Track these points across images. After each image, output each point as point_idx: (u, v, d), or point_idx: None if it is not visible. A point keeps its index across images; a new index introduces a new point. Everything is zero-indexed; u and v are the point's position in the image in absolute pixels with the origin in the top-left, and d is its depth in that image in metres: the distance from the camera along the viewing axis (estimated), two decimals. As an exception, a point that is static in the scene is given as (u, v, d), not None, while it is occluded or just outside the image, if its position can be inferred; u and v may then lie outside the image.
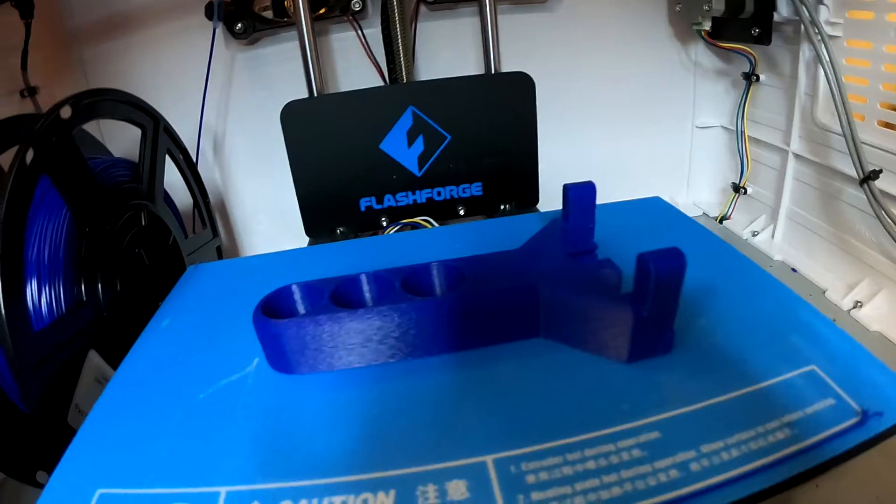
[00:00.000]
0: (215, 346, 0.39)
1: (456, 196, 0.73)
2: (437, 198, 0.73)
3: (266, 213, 0.91)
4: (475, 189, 0.73)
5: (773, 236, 0.83)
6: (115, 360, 0.48)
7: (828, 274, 0.73)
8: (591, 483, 0.24)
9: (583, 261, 0.39)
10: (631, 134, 0.95)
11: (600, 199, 0.41)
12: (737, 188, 0.88)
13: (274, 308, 0.36)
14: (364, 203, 0.71)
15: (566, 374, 0.31)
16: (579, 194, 0.40)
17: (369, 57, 0.79)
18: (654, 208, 0.52)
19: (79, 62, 0.80)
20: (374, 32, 0.79)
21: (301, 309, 0.37)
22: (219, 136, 0.84)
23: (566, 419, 0.28)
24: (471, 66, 0.85)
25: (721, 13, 0.76)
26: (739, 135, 0.85)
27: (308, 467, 0.28)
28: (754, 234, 0.85)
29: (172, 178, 0.66)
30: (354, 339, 0.34)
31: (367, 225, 0.72)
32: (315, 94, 0.69)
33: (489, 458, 0.26)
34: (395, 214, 0.72)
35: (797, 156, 0.76)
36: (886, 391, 0.28)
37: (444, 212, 0.73)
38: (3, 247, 0.39)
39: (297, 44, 0.69)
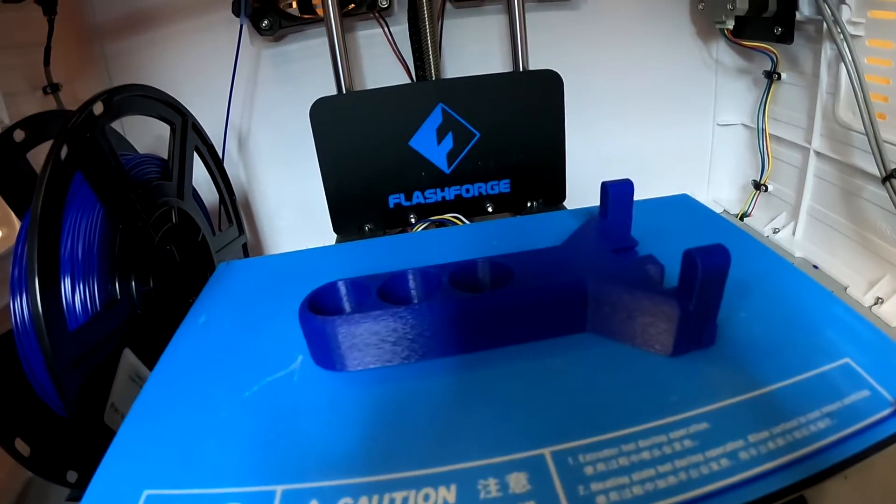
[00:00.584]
0: (256, 344, 0.38)
1: (484, 193, 0.73)
2: (465, 195, 0.72)
3: (291, 209, 0.90)
4: (503, 186, 0.73)
5: (793, 233, 0.83)
6: (148, 359, 0.47)
7: (849, 271, 0.73)
8: (648, 473, 0.24)
9: (626, 257, 0.39)
10: (652, 131, 0.95)
11: None
12: (757, 185, 0.88)
13: (319, 305, 0.35)
14: (393, 200, 0.71)
15: (614, 368, 0.31)
16: (618, 191, 0.40)
17: (396, 54, 0.79)
18: (683, 205, 0.52)
19: (101, 58, 0.80)
20: (400, 30, 0.79)
21: (347, 306, 0.36)
22: (243, 133, 0.84)
23: (618, 411, 0.28)
24: (496, 63, 0.85)
25: (744, 12, 0.75)
26: (760, 132, 0.85)
27: (365, 464, 0.27)
28: (775, 231, 0.84)
29: (198, 175, 0.65)
30: (404, 335, 0.33)
31: (395, 222, 0.72)
32: (344, 91, 0.69)
33: (547, 451, 0.26)
34: (424, 211, 0.71)
35: (818, 154, 0.76)
36: None
37: (472, 209, 0.73)
38: (39, 244, 0.39)
39: (322, 41, 0.69)
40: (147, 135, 0.73)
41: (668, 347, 0.31)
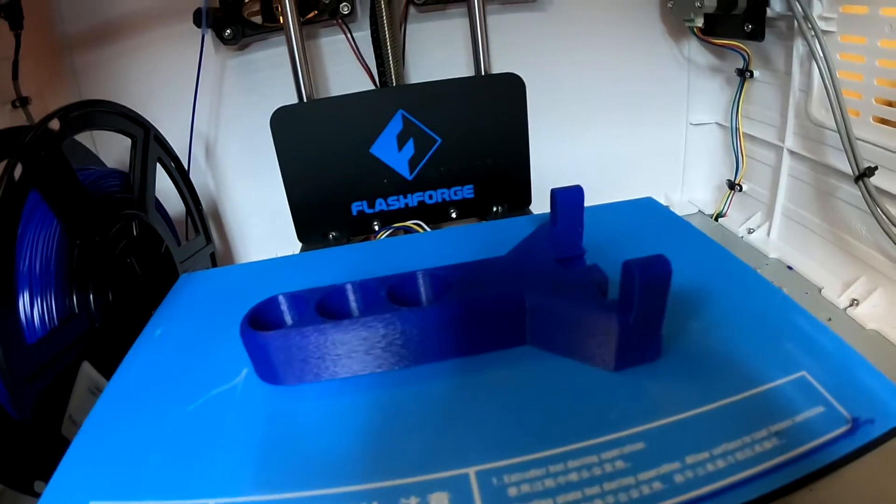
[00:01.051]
0: (205, 357, 0.39)
1: (448, 199, 0.73)
2: (428, 201, 0.73)
3: (260, 217, 0.91)
4: (467, 191, 0.74)
5: (768, 234, 0.82)
6: (108, 371, 0.48)
7: (824, 272, 0.73)
8: (573, 496, 0.24)
9: (570, 266, 0.38)
10: (625, 132, 0.95)
11: (594, 198, 0.41)
12: (732, 185, 0.88)
13: (261, 319, 0.36)
14: (356, 207, 0.71)
15: (553, 383, 0.31)
16: (567, 198, 0.40)
17: (359, 61, 0.79)
18: (647, 209, 0.52)
19: (71, 71, 0.80)
20: (364, 35, 0.79)
21: (288, 320, 0.37)
22: (211, 142, 0.84)
23: (551, 429, 0.27)
24: (462, 67, 0.85)
25: (713, 9, 0.75)
26: (734, 131, 0.85)
27: (296, 478, 0.28)
28: (750, 231, 0.85)
29: (164, 185, 0.66)
30: (340, 350, 0.34)
31: (359, 229, 0.72)
32: (304, 100, 0.70)
33: (472, 470, 0.26)
34: (388, 218, 0.72)
35: (792, 152, 0.76)
36: (878, 397, 0.27)
37: (436, 215, 0.73)
38: (-8, 261, 0.40)
39: (282, 49, 0.69)
40: (117, 147, 0.74)
41: (609, 362, 0.30)
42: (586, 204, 0.42)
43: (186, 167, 0.71)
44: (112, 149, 0.73)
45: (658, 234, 0.47)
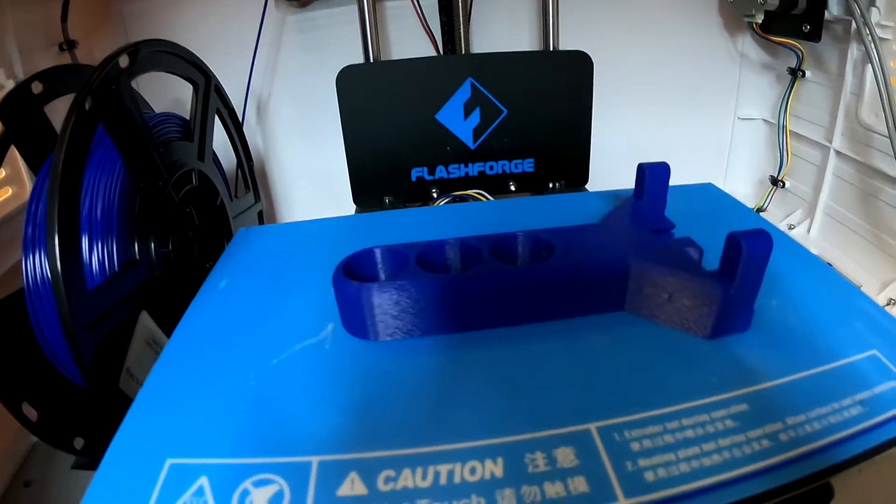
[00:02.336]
0: (281, 311, 0.37)
1: (508, 171, 0.72)
2: (489, 171, 0.71)
3: (308, 179, 0.89)
4: (527, 165, 0.72)
5: (808, 231, 0.82)
6: (164, 323, 0.46)
7: (862, 270, 0.72)
8: (693, 451, 0.24)
9: (664, 238, 0.38)
10: (673, 119, 0.95)
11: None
12: (774, 181, 0.87)
13: (354, 271, 0.34)
14: (416, 173, 0.70)
15: (654, 348, 0.31)
16: (655, 174, 0.40)
17: (424, 27, 0.77)
18: (708, 194, 0.52)
19: (119, 16, 0.78)
20: (427, 3, 0.77)
21: (382, 273, 0.35)
22: (263, 99, 0.82)
23: (661, 390, 0.28)
24: (522, 41, 0.84)
25: (774, 7, 0.75)
26: (781, 129, 0.84)
27: (407, 435, 0.26)
28: (790, 227, 0.84)
29: (216, 139, 0.63)
30: (443, 305, 0.32)
31: (416, 196, 0.71)
32: (371, 60, 0.68)
33: (593, 426, 0.26)
34: (446, 186, 0.70)
35: (839, 153, 0.75)
36: None
37: (495, 186, 0.72)
38: (60, 200, 0.37)
39: (348, 9, 0.68)
40: (163, 95, 0.71)
41: (706, 329, 0.31)
42: (628, 185, 0.45)
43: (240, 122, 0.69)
44: (158, 97, 0.70)
45: (722, 217, 0.47)
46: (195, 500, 0.24)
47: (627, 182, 0.45)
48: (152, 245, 0.46)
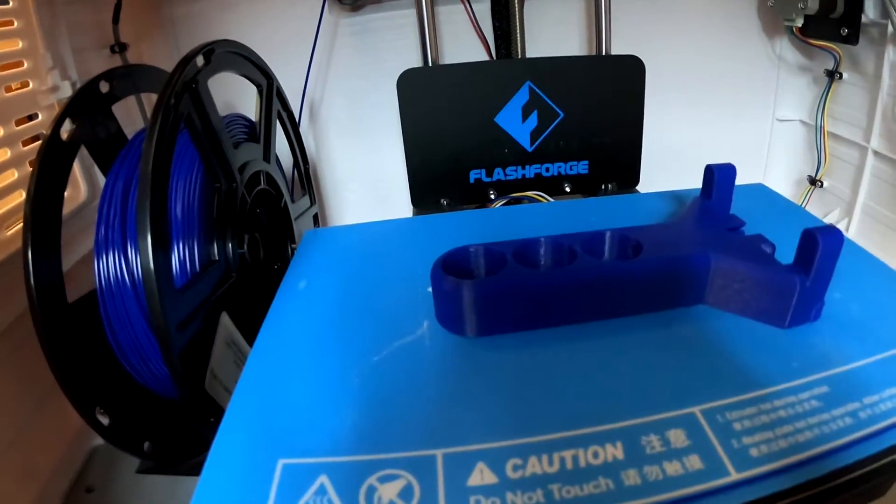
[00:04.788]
0: (371, 309, 0.37)
1: (563, 173, 0.73)
2: (545, 174, 0.72)
3: (360, 182, 0.89)
4: (582, 167, 0.73)
5: (846, 230, 0.82)
6: (240, 323, 0.46)
7: None
8: (787, 429, 0.26)
9: (739, 235, 0.39)
10: (713, 120, 0.95)
11: (681, 179, 0.45)
12: (813, 181, 0.87)
13: (452, 267, 0.34)
14: (474, 175, 0.70)
15: (737, 337, 0.33)
16: (723, 175, 0.42)
17: (477, 31, 0.78)
18: (761, 194, 0.53)
19: (169, 20, 0.79)
20: (480, 8, 0.77)
21: (480, 271, 0.35)
22: (316, 102, 0.83)
23: (750, 375, 0.30)
24: (573, 46, 0.85)
25: (814, 11, 0.76)
26: (819, 130, 0.85)
27: (526, 425, 0.27)
28: None
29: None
30: (541, 300, 0.33)
31: (474, 197, 0.71)
32: (430, 64, 0.69)
33: (697, 409, 0.28)
34: (504, 188, 0.71)
35: (876, 153, 0.76)
36: None
37: (551, 187, 0.72)
38: (151, 195, 0.37)
39: (400, 13, 0.69)
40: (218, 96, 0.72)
41: (784, 320, 0.33)
42: (672, 187, 0.50)
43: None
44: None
45: (777, 216, 0.49)
46: (318, 498, 0.24)
47: (673, 182, 0.47)
48: (229, 245, 0.46)
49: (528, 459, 0.25)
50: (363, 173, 0.88)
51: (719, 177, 0.42)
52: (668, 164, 0.84)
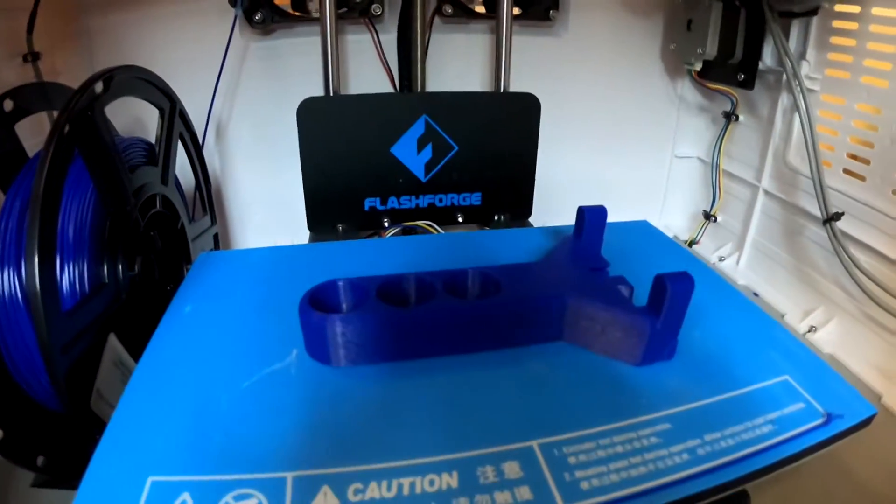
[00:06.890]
0: (247, 336, 0.40)
1: (456, 203, 0.76)
2: (438, 204, 0.75)
3: (262, 204, 0.90)
4: (475, 199, 0.76)
5: (737, 262, 0.88)
6: (128, 345, 0.47)
7: (786, 300, 0.78)
8: (622, 464, 0.29)
9: (600, 276, 0.43)
10: (613, 157, 1.00)
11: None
12: (707, 216, 0.93)
13: (319, 301, 0.37)
14: (368, 203, 0.73)
15: (589, 374, 0.36)
16: (593, 216, 0.45)
17: (382, 62, 0.80)
18: (643, 231, 0.57)
19: (84, 32, 0.77)
20: (386, 38, 0.80)
21: (344, 304, 0.38)
22: (223, 123, 0.83)
23: (594, 411, 0.32)
24: (474, 81, 0.88)
25: (712, 57, 0.81)
26: (714, 167, 0.90)
27: (371, 453, 0.30)
28: (721, 259, 0.90)
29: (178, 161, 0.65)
30: (401, 335, 0.36)
31: (369, 224, 0.74)
32: (332, 93, 0.71)
33: (535, 443, 0.30)
34: (398, 216, 0.74)
35: (766, 192, 0.81)
36: (845, 399, 0.35)
37: (443, 217, 0.75)
38: (40, 219, 0.39)
39: (310, 40, 0.70)
40: (124, 116, 0.73)
41: (636, 358, 0.36)
42: (566, 221, 0.51)
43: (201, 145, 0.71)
44: (119, 118, 0.71)
45: (655, 254, 0.53)
46: (180, 514, 0.27)
47: (568, 215, 0.48)
48: (120, 268, 0.48)
49: (369, 484, 0.28)
50: (267, 195, 0.89)
51: (589, 218, 0.45)
52: (570, 195, 0.87)
